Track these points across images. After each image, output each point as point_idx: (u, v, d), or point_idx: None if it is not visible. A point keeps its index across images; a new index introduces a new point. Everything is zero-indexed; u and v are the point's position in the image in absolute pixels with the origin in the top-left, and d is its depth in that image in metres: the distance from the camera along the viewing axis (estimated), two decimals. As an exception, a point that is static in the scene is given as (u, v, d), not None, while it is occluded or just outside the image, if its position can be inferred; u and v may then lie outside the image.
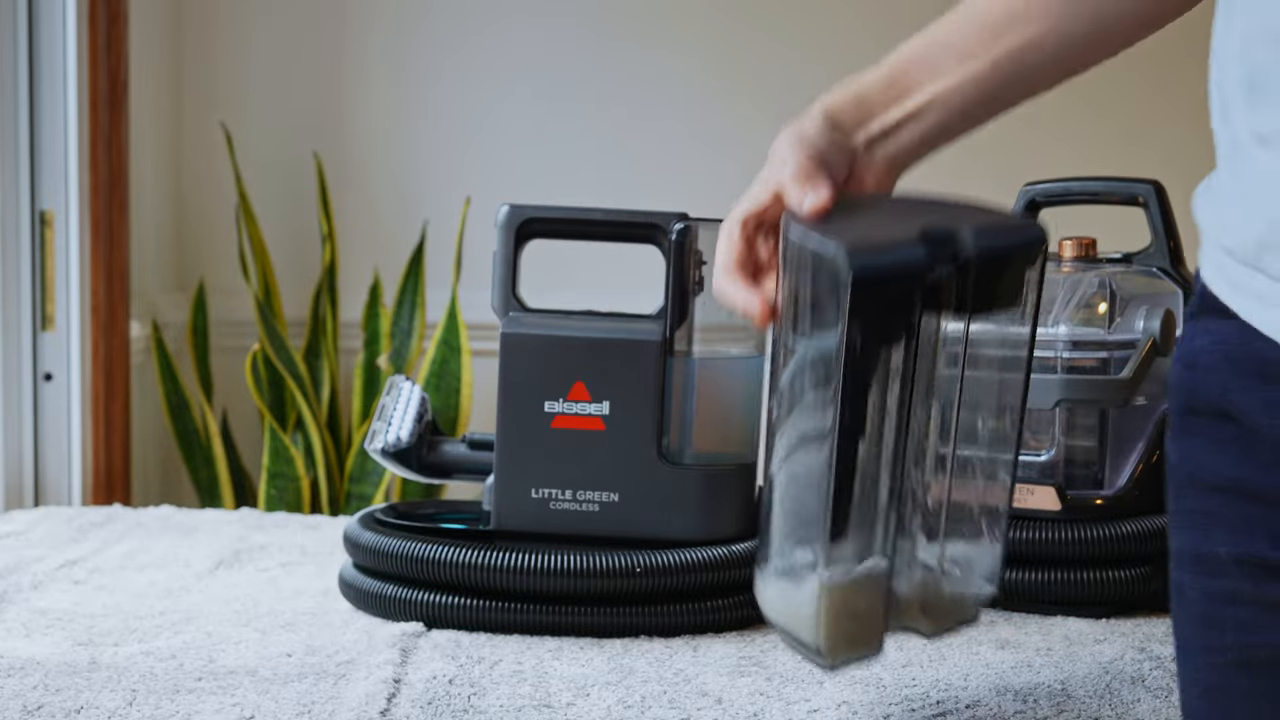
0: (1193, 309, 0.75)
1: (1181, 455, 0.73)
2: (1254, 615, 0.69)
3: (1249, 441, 0.69)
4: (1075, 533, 1.18)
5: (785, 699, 0.96)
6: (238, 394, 2.41)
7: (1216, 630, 0.70)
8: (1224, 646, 0.70)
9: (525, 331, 1.14)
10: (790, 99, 2.76)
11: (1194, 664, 0.72)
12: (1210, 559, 0.71)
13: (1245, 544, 0.69)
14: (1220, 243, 0.71)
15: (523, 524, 1.13)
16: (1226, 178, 0.70)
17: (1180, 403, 0.73)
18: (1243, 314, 0.69)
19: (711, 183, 2.50)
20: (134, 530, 1.49)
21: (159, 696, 0.94)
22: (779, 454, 0.88)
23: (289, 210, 2.45)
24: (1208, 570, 0.71)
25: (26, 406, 1.90)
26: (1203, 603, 0.71)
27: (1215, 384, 0.71)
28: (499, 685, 0.98)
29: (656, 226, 1.15)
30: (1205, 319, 0.73)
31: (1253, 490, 0.69)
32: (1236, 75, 0.69)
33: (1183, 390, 0.73)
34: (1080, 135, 2.52)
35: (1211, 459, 0.71)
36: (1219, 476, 0.70)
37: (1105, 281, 1.23)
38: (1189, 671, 0.73)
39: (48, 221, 1.90)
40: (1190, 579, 0.72)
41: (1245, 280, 0.69)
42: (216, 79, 2.47)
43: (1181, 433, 0.73)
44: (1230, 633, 0.70)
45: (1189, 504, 0.72)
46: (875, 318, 0.78)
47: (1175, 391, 0.74)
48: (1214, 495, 0.71)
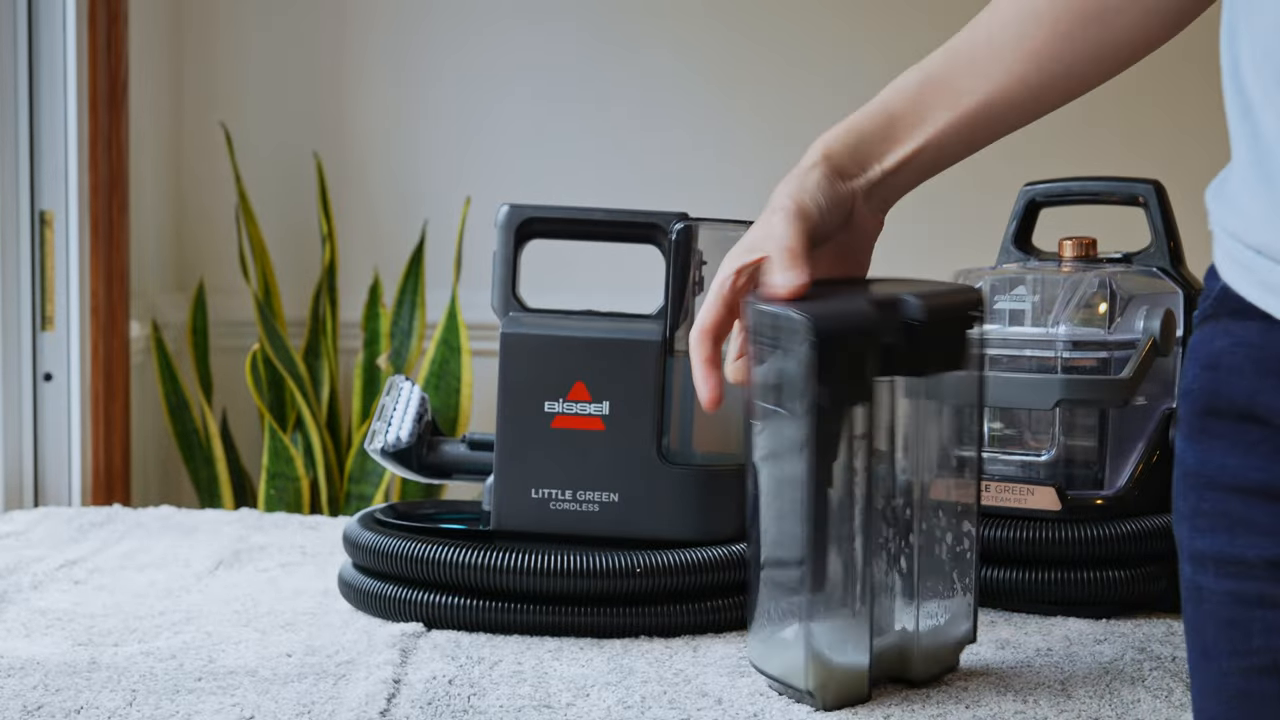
0: (1208, 310, 0.74)
1: (1201, 459, 0.72)
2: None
3: (1278, 443, 0.69)
4: (1075, 533, 1.18)
5: (785, 699, 0.96)
6: (237, 394, 2.41)
7: (1243, 634, 0.70)
8: (1251, 650, 0.69)
9: (525, 331, 1.14)
10: (789, 99, 2.77)
11: (1217, 669, 0.71)
12: (1237, 562, 0.70)
13: (1278, 547, 0.69)
14: (1244, 241, 0.70)
15: (523, 524, 1.13)
16: (1251, 174, 0.69)
17: (1200, 405, 0.72)
18: (1275, 312, 0.68)
19: (711, 183, 2.51)
20: (134, 530, 1.49)
21: (159, 696, 0.94)
22: (762, 517, 0.96)
23: (289, 210, 2.45)
24: (1234, 573, 0.70)
25: (26, 406, 1.90)
26: (1228, 606, 0.70)
27: (1241, 386, 0.70)
28: (499, 685, 0.98)
29: (656, 226, 1.15)
30: (1224, 320, 0.72)
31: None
32: (1264, 70, 0.67)
33: (1204, 393, 0.72)
34: (1080, 135, 2.52)
35: (1236, 461, 0.70)
36: (1245, 479, 0.70)
37: (1105, 281, 1.23)
38: (1211, 677, 0.72)
39: (47, 221, 1.90)
40: (1213, 582, 0.71)
41: (1275, 274, 0.68)
42: (216, 79, 2.47)
43: (1200, 435, 0.72)
44: (1258, 636, 0.69)
45: (1211, 507, 0.71)
46: (837, 376, 0.88)
47: (1194, 394, 0.73)
48: (1239, 498, 0.70)
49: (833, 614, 0.92)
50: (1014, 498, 1.21)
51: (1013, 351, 1.24)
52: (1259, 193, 0.68)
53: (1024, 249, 1.36)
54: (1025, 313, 1.25)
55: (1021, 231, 1.36)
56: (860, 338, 0.89)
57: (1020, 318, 1.25)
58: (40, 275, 1.90)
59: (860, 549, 0.92)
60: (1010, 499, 1.21)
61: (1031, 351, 1.23)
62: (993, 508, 1.21)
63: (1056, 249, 1.32)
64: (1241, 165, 0.70)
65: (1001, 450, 1.26)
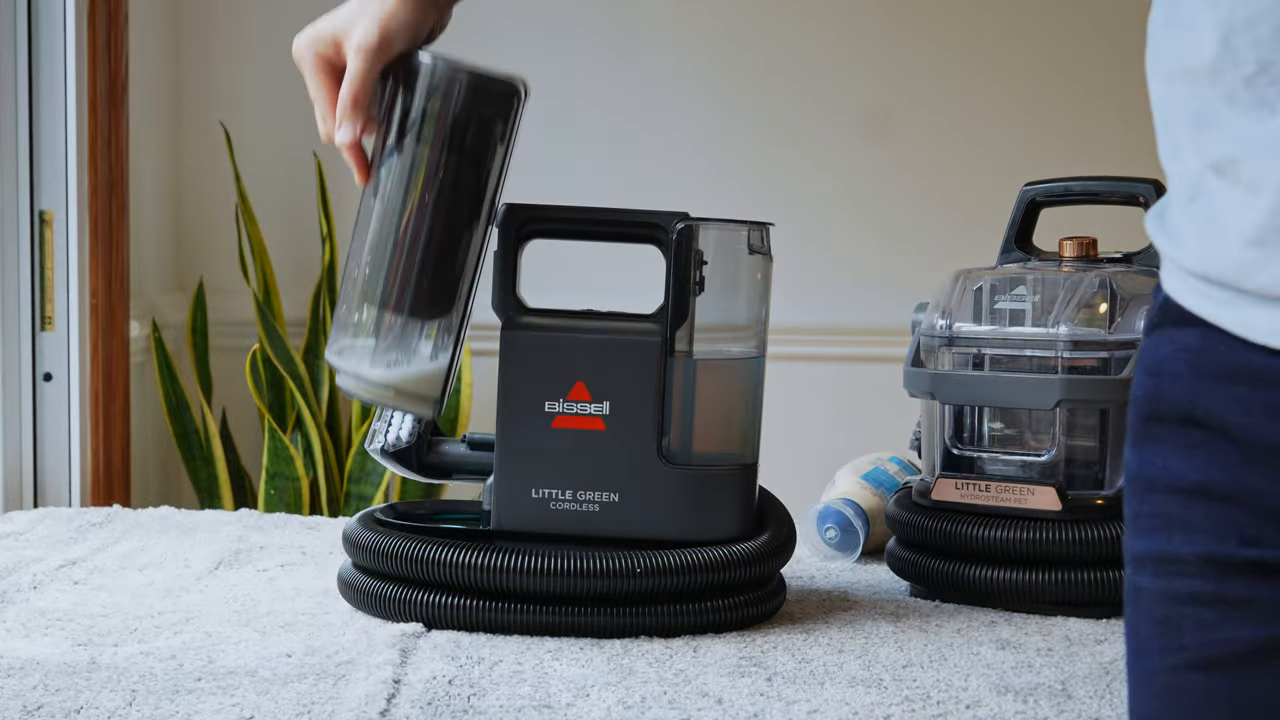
0: (1153, 320, 0.76)
1: (1142, 462, 0.75)
2: (1215, 614, 0.70)
3: (1217, 445, 0.70)
4: (1075, 533, 1.18)
5: (785, 699, 0.96)
6: (237, 394, 2.41)
7: (1175, 630, 0.72)
8: (1182, 646, 0.71)
9: (525, 332, 1.14)
10: (789, 100, 2.77)
11: (1149, 666, 0.73)
12: (1172, 560, 0.72)
13: (1214, 544, 0.70)
14: (1182, 265, 0.73)
15: (523, 524, 1.13)
16: (1183, 212, 0.72)
17: (1144, 411, 0.75)
18: (1210, 318, 0.70)
19: (711, 183, 2.51)
20: (133, 530, 1.49)
21: (159, 697, 0.94)
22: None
23: (289, 210, 2.45)
24: (1169, 572, 0.72)
25: (26, 406, 1.90)
26: (1162, 604, 0.72)
27: (1181, 390, 0.72)
28: (499, 686, 0.98)
29: (657, 226, 1.15)
30: (1167, 329, 0.74)
31: (1221, 492, 0.70)
32: (1183, 113, 0.71)
33: (1147, 398, 0.75)
34: (1080, 135, 2.52)
35: (1176, 464, 0.72)
36: (1184, 480, 0.72)
37: (1105, 281, 1.23)
38: (1144, 675, 0.74)
39: (47, 221, 1.90)
40: (1149, 581, 0.73)
41: (1213, 291, 0.70)
42: (216, 79, 2.47)
43: (1143, 440, 0.75)
44: (1189, 633, 0.71)
45: (1150, 508, 0.74)
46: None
47: (1138, 400, 0.76)
48: (1178, 499, 0.72)
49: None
50: (1014, 498, 1.21)
51: (1013, 351, 1.24)
52: (1191, 226, 0.72)
53: (1024, 249, 1.36)
54: (1025, 313, 1.25)
55: (1021, 231, 1.36)
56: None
57: (1020, 318, 1.25)
58: (40, 275, 1.90)
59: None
60: (1010, 499, 1.21)
61: (1032, 351, 1.23)
62: (993, 508, 1.21)
63: (1056, 249, 1.32)
64: (1173, 199, 0.74)
65: (1002, 450, 1.26)
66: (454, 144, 1.06)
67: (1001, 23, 2.54)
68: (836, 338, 2.54)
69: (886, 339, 2.19)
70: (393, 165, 1.07)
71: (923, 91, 2.54)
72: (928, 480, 1.28)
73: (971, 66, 2.53)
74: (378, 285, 1.07)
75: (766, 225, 1.18)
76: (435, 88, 1.06)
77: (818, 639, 1.11)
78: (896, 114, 2.54)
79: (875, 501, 1.42)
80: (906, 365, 1.28)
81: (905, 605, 1.23)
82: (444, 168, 1.06)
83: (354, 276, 1.09)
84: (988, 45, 2.54)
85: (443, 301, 1.08)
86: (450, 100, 1.06)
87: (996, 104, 2.54)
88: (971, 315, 1.27)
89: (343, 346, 1.10)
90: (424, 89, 1.06)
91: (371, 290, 1.07)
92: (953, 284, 1.28)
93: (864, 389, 2.47)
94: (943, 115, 2.54)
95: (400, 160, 1.07)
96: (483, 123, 1.07)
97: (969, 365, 1.27)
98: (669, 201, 1.21)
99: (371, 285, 1.07)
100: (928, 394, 1.26)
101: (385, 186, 1.07)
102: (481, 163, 1.08)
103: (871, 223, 2.55)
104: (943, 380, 1.26)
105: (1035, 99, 2.53)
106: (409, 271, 1.07)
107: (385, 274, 1.07)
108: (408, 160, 1.07)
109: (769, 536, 1.15)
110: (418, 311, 1.07)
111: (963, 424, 1.27)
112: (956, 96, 2.54)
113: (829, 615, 1.19)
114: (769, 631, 1.13)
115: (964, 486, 1.23)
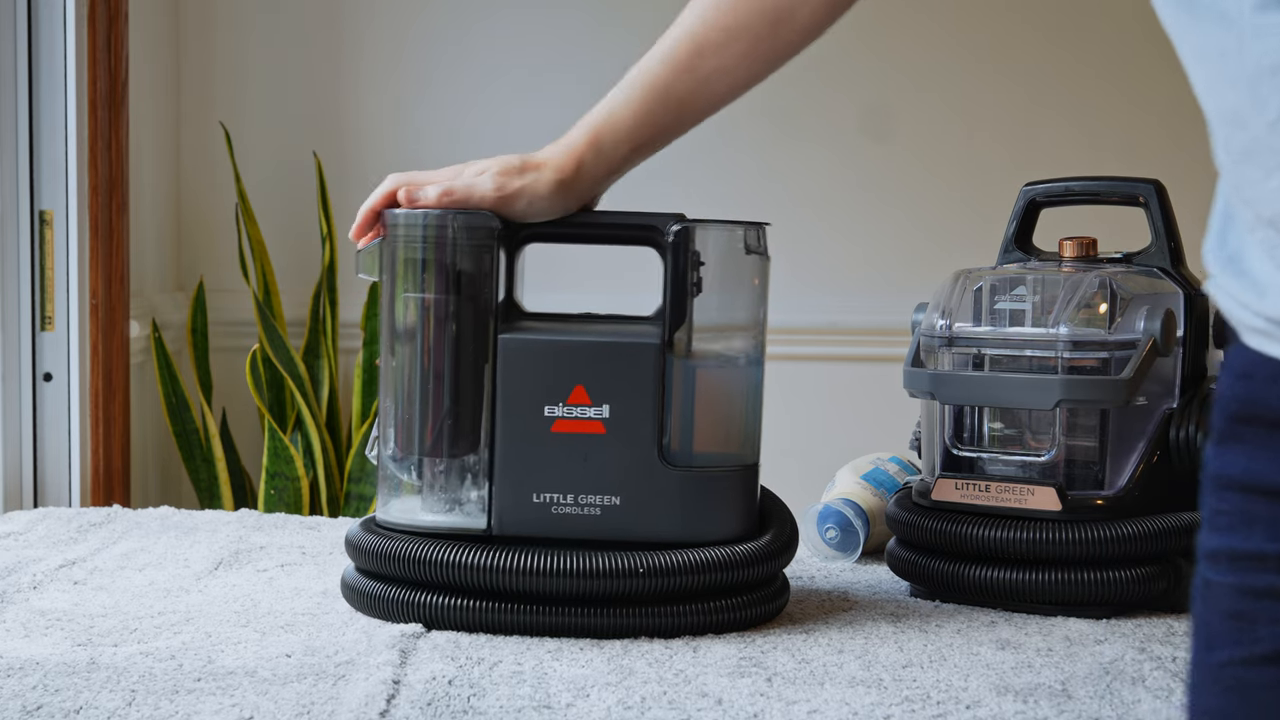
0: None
1: (1225, 462, 0.75)
2: None
3: None
4: (1075, 533, 1.18)
5: (785, 699, 0.96)
6: (237, 394, 2.41)
7: (1249, 624, 0.73)
8: (1256, 638, 0.72)
9: (524, 336, 1.14)
10: (788, 100, 2.76)
11: (1218, 659, 0.74)
12: (1252, 556, 0.73)
13: None
14: (1263, 314, 0.73)
15: (524, 529, 1.13)
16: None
17: (1231, 411, 0.75)
18: None
19: (710, 184, 2.51)
20: (133, 530, 1.49)
21: (158, 697, 0.94)
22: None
23: (289, 210, 2.45)
24: (1245, 567, 0.73)
25: (26, 406, 1.90)
26: (1236, 599, 0.73)
27: (1276, 393, 0.72)
28: (498, 686, 0.98)
29: (654, 228, 1.15)
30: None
31: None
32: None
33: (1235, 400, 0.75)
34: (1080, 135, 2.52)
35: (1261, 466, 0.73)
36: (1268, 481, 0.73)
37: (1106, 281, 1.23)
38: (1212, 669, 0.75)
39: (47, 221, 1.90)
40: (1223, 576, 0.74)
41: None
42: (216, 79, 2.47)
43: (1228, 440, 0.75)
44: (1264, 626, 0.72)
45: (1229, 506, 0.74)
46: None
47: (1226, 401, 0.76)
48: (1262, 499, 0.73)
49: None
50: (1014, 498, 1.21)
51: (1013, 351, 1.24)
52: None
53: (1024, 249, 1.36)
54: (1025, 313, 1.25)
55: (1022, 231, 1.36)
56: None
57: (1020, 318, 1.25)
58: (40, 275, 1.90)
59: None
60: (1010, 499, 1.21)
61: (1032, 351, 1.23)
62: (993, 508, 1.21)
63: (1056, 249, 1.32)
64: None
65: (1002, 450, 1.26)
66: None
67: (1002, 22, 2.54)
68: (836, 338, 2.54)
69: (886, 339, 2.20)
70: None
71: (923, 91, 2.54)
72: (928, 480, 1.28)
73: (972, 66, 2.53)
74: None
75: (763, 225, 1.18)
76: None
77: (818, 639, 1.11)
78: (896, 113, 2.54)
79: (875, 501, 1.42)
80: (906, 365, 1.28)
81: (905, 605, 1.23)
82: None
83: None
84: (988, 45, 2.54)
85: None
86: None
87: (997, 104, 2.54)
88: (971, 315, 1.27)
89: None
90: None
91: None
92: (953, 284, 1.28)
93: (864, 389, 2.48)
94: (943, 115, 2.54)
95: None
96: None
97: (969, 365, 1.27)
98: (665, 203, 1.21)
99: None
100: (928, 394, 1.26)
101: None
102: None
103: (871, 223, 2.55)
104: (943, 380, 1.26)
105: (1036, 99, 2.53)
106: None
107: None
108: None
109: (771, 537, 1.15)
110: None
111: (963, 424, 1.27)
112: (957, 96, 2.54)
113: (829, 615, 1.19)
114: (769, 632, 1.13)
115: (964, 487, 1.23)
